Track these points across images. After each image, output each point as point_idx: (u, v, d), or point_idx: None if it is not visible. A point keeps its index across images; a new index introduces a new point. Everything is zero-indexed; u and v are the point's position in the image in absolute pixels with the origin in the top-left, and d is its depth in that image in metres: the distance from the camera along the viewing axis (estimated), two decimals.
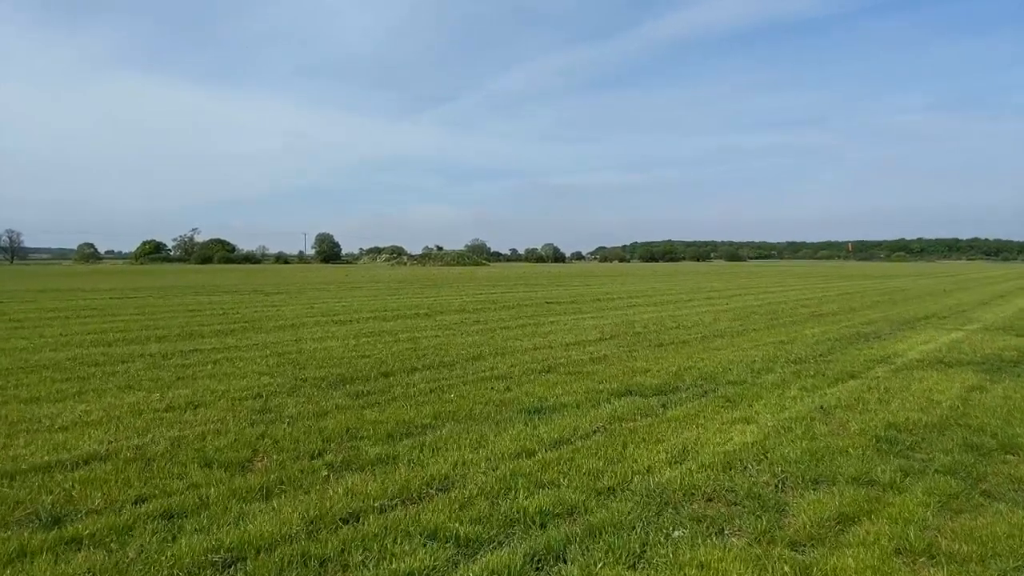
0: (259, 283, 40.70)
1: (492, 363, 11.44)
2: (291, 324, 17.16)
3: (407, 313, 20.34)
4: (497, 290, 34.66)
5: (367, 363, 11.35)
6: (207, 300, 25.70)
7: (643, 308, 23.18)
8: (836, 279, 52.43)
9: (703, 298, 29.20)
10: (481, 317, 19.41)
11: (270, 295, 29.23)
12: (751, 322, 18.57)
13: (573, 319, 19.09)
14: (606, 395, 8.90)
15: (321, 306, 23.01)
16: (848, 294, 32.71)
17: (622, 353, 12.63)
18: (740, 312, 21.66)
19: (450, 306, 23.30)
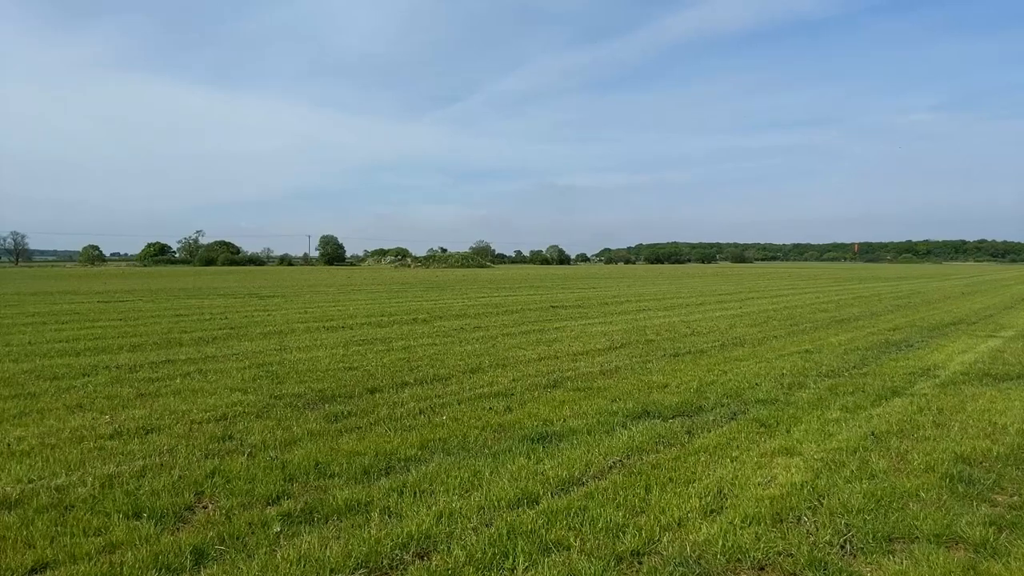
0: (257, 285, 39.67)
1: (492, 376, 10.32)
2: (279, 331, 16.07)
3: (404, 319, 19.24)
4: (500, 293, 33.55)
5: (353, 377, 10.24)
6: (198, 304, 24.65)
7: (654, 313, 22.02)
8: (848, 281, 51.14)
9: (715, 302, 28.02)
10: (482, 323, 18.29)
11: (265, 298, 28.18)
12: (770, 328, 17.39)
13: (580, 325, 17.95)
14: (621, 417, 7.76)
15: (315, 310, 21.93)
16: (864, 297, 31.49)
17: (635, 364, 11.49)
18: (756, 317, 20.49)
19: (450, 310, 22.19)
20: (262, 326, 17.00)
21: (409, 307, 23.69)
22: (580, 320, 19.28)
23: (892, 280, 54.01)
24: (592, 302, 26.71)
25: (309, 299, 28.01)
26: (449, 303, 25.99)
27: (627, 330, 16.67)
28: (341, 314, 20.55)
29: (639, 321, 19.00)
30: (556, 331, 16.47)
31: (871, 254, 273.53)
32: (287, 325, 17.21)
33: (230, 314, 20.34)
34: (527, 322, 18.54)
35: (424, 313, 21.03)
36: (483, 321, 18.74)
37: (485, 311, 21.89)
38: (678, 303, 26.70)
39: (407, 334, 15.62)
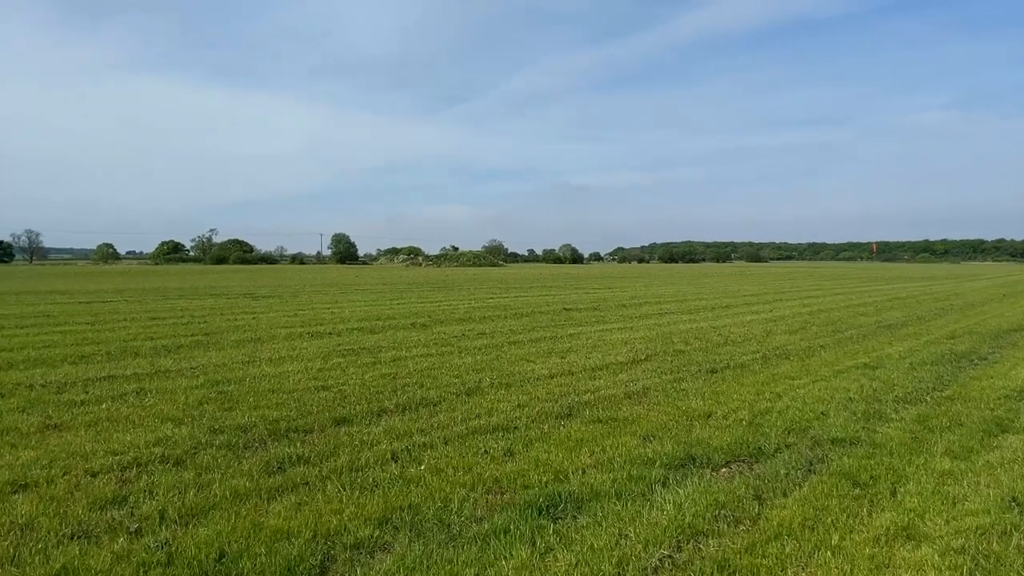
0: (259, 284, 37.93)
1: (492, 400, 8.37)
2: (256, 338, 14.21)
3: (401, 323, 17.33)
4: (511, 294, 31.58)
5: (322, 400, 8.33)
6: (184, 305, 22.89)
7: (678, 317, 19.97)
8: (875, 281, 48.70)
9: (742, 304, 25.90)
10: (488, 328, 16.34)
11: (259, 299, 26.40)
12: (812, 335, 15.32)
13: (597, 331, 15.95)
14: (659, 468, 5.79)
15: (307, 313, 20.08)
16: (900, 299, 29.23)
17: (666, 384, 9.49)
18: (792, 322, 18.39)
19: (454, 313, 20.25)
20: (240, 332, 15.15)
21: (409, 309, 21.79)
22: (597, 325, 17.28)
23: (921, 280, 51.49)
24: (609, 304, 24.69)
25: (305, 300, 26.21)
26: (454, 305, 24.07)
27: (651, 338, 14.66)
28: (333, 317, 18.68)
29: (663, 327, 16.98)
30: (570, 339, 14.49)
31: (888, 253, 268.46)
32: (268, 331, 15.36)
33: (212, 317, 18.53)
34: (537, 327, 16.57)
35: (424, 316, 19.12)
36: (488, 326, 16.79)
37: (492, 314, 19.95)
38: (702, 305, 24.62)
39: (400, 342, 13.70)
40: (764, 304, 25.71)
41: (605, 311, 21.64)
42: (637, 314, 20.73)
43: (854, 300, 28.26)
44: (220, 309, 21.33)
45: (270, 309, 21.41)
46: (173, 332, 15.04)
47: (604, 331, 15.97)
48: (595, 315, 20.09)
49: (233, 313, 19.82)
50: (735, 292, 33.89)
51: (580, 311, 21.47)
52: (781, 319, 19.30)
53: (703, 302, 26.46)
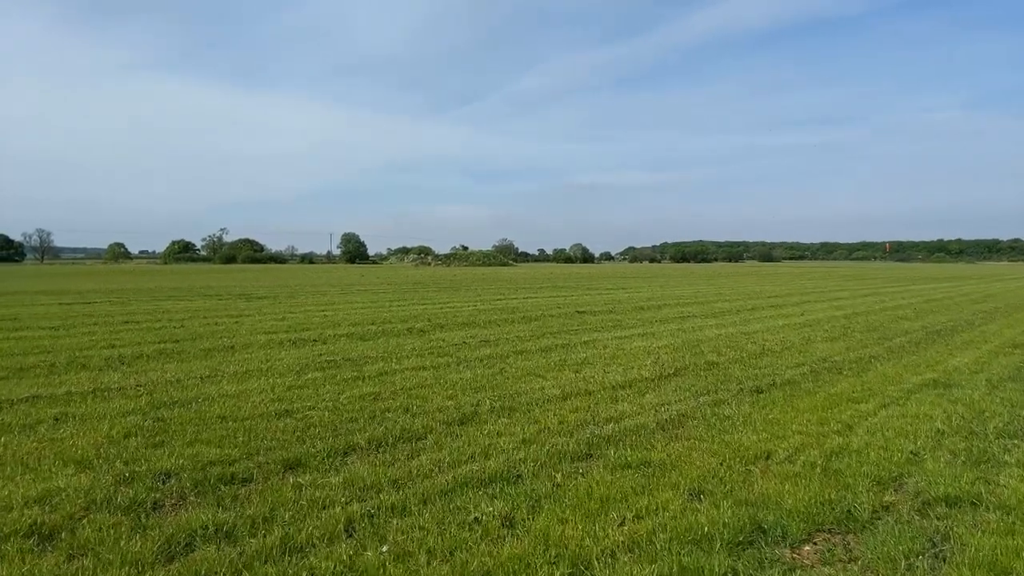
0: (259, 285, 36.38)
1: (490, 434, 6.67)
2: (231, 345, 12.58)
3: (398, 328, 15.67)
4: (520, 294, 29.84)
5: (279, 431, 6.66)
6: (169, 307, 21.33)
7: (701, 320, 18.19)
8: (900, 282, 46.59)
9: (767, 305, 24.07)
10: (493, 334, 14.64)
11: (252, 300, 24.84)
12: (856, 343, 13.52)
13: (615, 338, 14.22)
14: (721, 551, 4.08)
15: (297, 316, 18.45)
16: (935, 300, 27.31)
17: (705, 409, 7.76)
18: (830, 327, 16.57)
19: (457, 317, 18.57)
20: (215, 338, 13.53)
21: (410, 312, 20.12)
22: (614, 331, 15.54)
23: (945, 280, 49.31)
24: (625, 306, 22.92)
25: (300, 301, 24.60)
26: (458, 306, 22.39)
27: (677, 346, 12.91)
28: (323, 321, 17.04)
29: (688, 333, 15.21)
30: (585, 347, 12.76)
31: (902, 253, 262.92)
32: (247, 337, 13.73)
33: (192, 321, 16.93)
34: (548, 333, 14.85)
35: (424, 320, 17.44)
36: (494, 332, 15.09)
37: (498, 318, 18.23)
38: (726, 308, 22.80)
39: (392, 351, 12.02)
40: (792, 306, 23.87)
41: (621, 314, 19.89)
42: (657, 317, 18.96)
43: (887, 302, 26.37)
44: (205, 311, 19.75)
45: (258, 312, 19.81)
46: (140, 339, 13.44)
47: (623, 338, 14.22)
48: (611, 319, 18.35)
49: (217, 316, 18.23)
50: (757, 293, 32.02)
51: (595, 314, 19.73)
52: (816, 324, 17.49)
53: (726, 304, 24.64)
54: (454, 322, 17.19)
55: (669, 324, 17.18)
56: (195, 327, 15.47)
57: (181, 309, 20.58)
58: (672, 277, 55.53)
